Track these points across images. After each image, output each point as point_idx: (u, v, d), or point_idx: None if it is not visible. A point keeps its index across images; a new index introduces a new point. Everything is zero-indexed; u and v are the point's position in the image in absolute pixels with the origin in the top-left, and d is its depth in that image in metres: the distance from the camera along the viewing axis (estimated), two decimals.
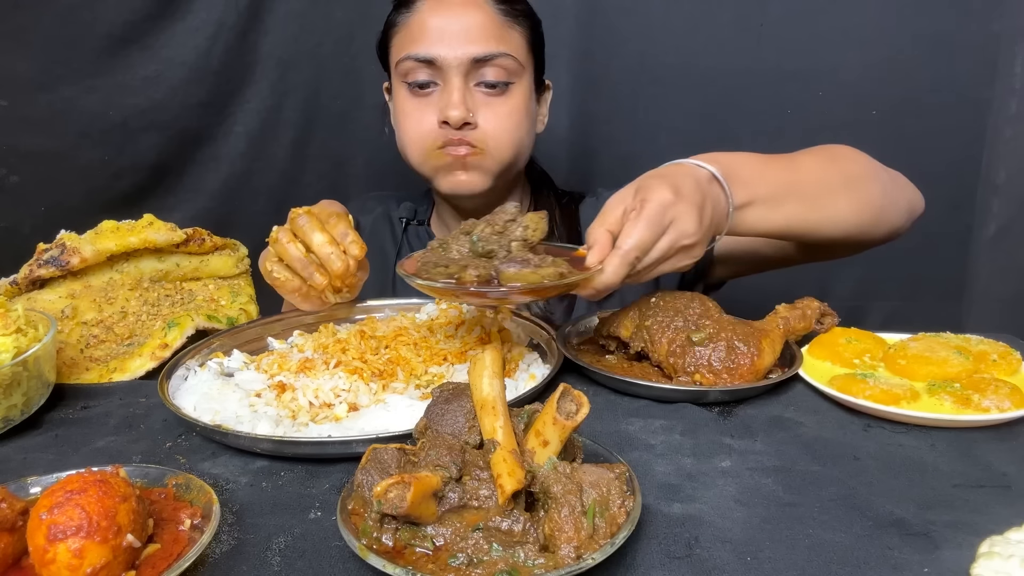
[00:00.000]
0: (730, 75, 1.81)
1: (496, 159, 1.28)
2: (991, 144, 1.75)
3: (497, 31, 1.23)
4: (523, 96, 1.28)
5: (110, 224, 1.14)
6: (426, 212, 1.52)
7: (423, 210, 1.52)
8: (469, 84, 1.24)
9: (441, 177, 1.29)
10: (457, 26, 1.22)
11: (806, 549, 0.62)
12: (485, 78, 1.24)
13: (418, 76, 1.24)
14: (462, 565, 0.56)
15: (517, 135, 1.28)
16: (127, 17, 1.36)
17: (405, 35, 1.26)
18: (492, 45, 1.22)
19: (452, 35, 1.22)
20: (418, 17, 1.25)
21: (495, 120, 1.25)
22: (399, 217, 1.50)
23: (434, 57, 1.22)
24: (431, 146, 1.26)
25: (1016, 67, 1.70)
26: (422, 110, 1.26)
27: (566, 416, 0.60)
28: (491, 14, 1.24)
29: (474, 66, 1.22)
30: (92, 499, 0.54)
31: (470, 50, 1.21)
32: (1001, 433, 0.81)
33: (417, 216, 1.51)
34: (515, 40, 1.26)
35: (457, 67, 1.22)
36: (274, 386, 0.86)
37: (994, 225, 1.79)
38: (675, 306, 0.95)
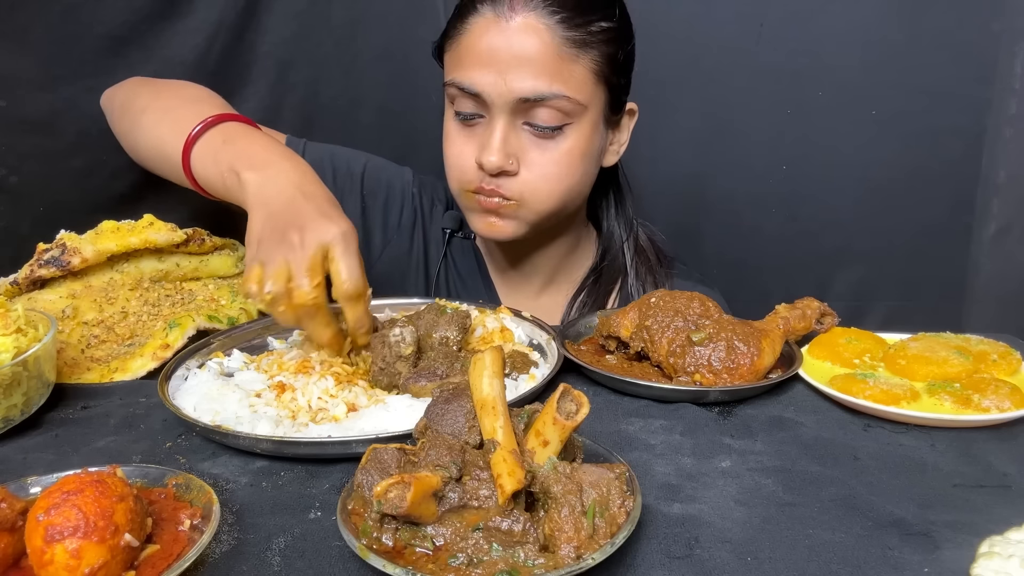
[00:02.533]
0: (730, 75, 1.81)
1: (534, 210, 1.15)
2: (991, 144, 1.75)
3: (555, 66, 1.07)
4: (580, 138, 1.13)
5: (110, 224, 1.14)
6: None
7: None
8: (517, 122, 1.11)
9: (473, 218, 1.19)
10: (508, 55, 1.07)
11: (806, 549, 0.62)
12: (534, 120, 1.10)
13: (463, 107, 1.13)
14: (462, 565, 0.56)
15: (564, 184, 1.15)
16: (126, 17, 1.36)
17: (454, 54, 1.14)
18: (544, 84, 1.07)
19: (502, 65, 1.07)
20: (469, 37, 1.10)
21: (540, 167, 1.12)
22: (442, 228, 1.37)
23: (478, 91, 1.09)
24: (466, 185, 1.15)
25: (1016, 67, 1.70)
26: (465, 141, 1.15)
27: (566, 416, 0.60)
28: (552, 43, 1.07)
29: (522, 105, 1.09)
30: (89, 499, 0.54)
31: (518, 88, 1.07)
32: (1001, 433, 0.81)
33: (464, 229, 1.36)
34: (577, 75, 1.09)
35: (502, 105, 1.09)
36: (274, 386, 0.86)
37: (994, 225, 1.79)
38: (675, 306, 0.95)
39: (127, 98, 1.23)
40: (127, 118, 1.20)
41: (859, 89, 1.77)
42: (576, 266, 1.38)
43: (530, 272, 1.35)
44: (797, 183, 1.86)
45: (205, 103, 1.13)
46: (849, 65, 1.76)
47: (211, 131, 1.06)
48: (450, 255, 1.38)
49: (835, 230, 1.87)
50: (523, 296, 1.36)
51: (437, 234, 1.39)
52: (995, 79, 1.72)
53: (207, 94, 1.19)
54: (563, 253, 1.34)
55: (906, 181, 1.80)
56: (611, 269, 1.32)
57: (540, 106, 1.09)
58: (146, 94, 1.21)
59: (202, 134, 1.06)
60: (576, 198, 1.21)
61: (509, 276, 1.37)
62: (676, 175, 1.87)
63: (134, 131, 1.18)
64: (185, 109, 1.11)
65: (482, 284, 1.37)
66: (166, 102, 1.16)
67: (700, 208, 1.92)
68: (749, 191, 1.88)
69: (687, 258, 1.48)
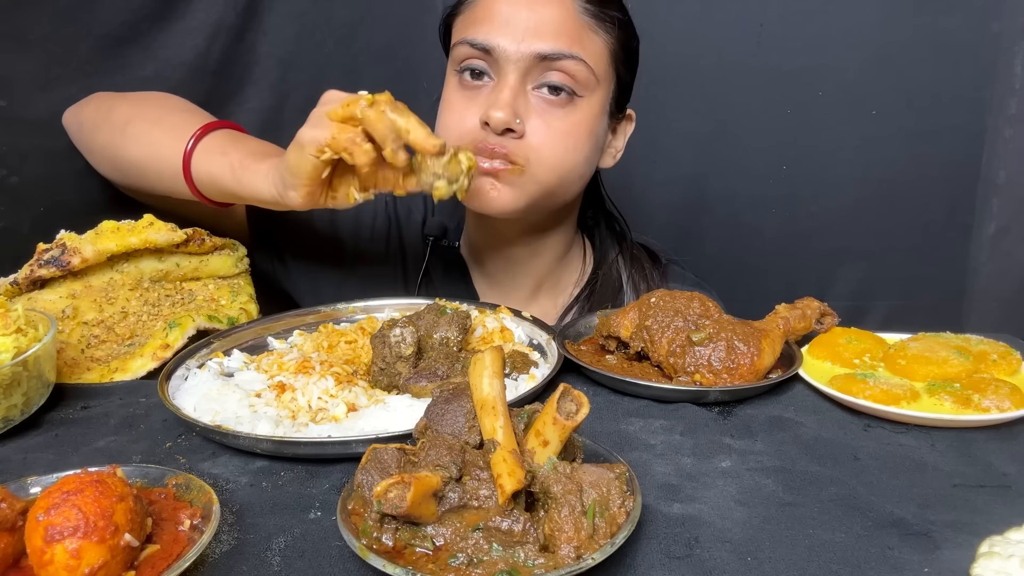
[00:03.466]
0: (730, 75, 1.81)
1: (537, 180, 1.09)
2: (991, 144, 1.75)
3: (575, 31, 1.06)
4: (589, 115, 1.10)
5: (110, 224, 1.14)
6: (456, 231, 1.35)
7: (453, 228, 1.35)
8: (527, 86, 1.07)
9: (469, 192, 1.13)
10: (527, 16, 1.05)
11: (806, 549, 0.62)
12: (548, 80, 1.06)
13: (472, 64, 1.08)
14: (462, 565, 0.56)
15: (569, 158, 1.10)
16: (125, 17, 1.36)
17: (467, 18, 1.10)
18: (564, 44, 1.05)
19: (519, 25, 1.04)
20: (485, 2, 1.08)
21: (546, 133, 1.07)
22: (425, 233, 1.32)
23: (492, 46, 1.05)
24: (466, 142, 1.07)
25: (1016, 67, 1.70)
26: (466, 105, 1.09)
27: (566, 416, 0.60)
28: (572, 11, 1.06)
29: (537, 64, 1.05)
30: (88, 499, 0.54)
31: (536, 45, 1.04)
32: (1001, 433, 0.81)
33: (448, 236, 1.33)
34: (595, 46, 1.08)
35: (516, 62, 1.05)
36: (274, 386, 0.86)
37: (994, 225, 1.79)
38: (675, 306, 0.95)
39: (100, 112, 1.21)
40: (103, 131, 1.18)
41: (859, 89, 1.77)
42: (565, 273, 1.34)
43: (519, 277, 1.30)
44: (797, 183, 1.86)
45: (195, 113, 1.14)
46: (849, 65, 1.76)
47: (215, 132, 1.08)
48: (432, 263, 1.33)
49: (835, 230, 1.87)
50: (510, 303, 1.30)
51: (413, 241, 1.34)
52: (995, 79, 1.72)
53: (191, 104, 1.20)
54: (553, 259, 1.30)
55: (906, 181, 1.80)
56: (606, 283, 1.30)
57: (555, 67, 1.06)
58: (124, 106, 1.19)
59: (205, 134, 1.07)
60: (576, 180, 1.16)
61: (497, 281, 1.32)
62: (676, 175, 1.87)
63: (118, 142, 1.16)
64: (176, 118, 1.12)
65: (465, 293, 1.32)
66: (152, 112, 1.16)
67: (700, 208, 1.92)
68: (749, 191, 1.89)
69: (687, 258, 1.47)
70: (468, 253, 1.35)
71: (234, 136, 1.10)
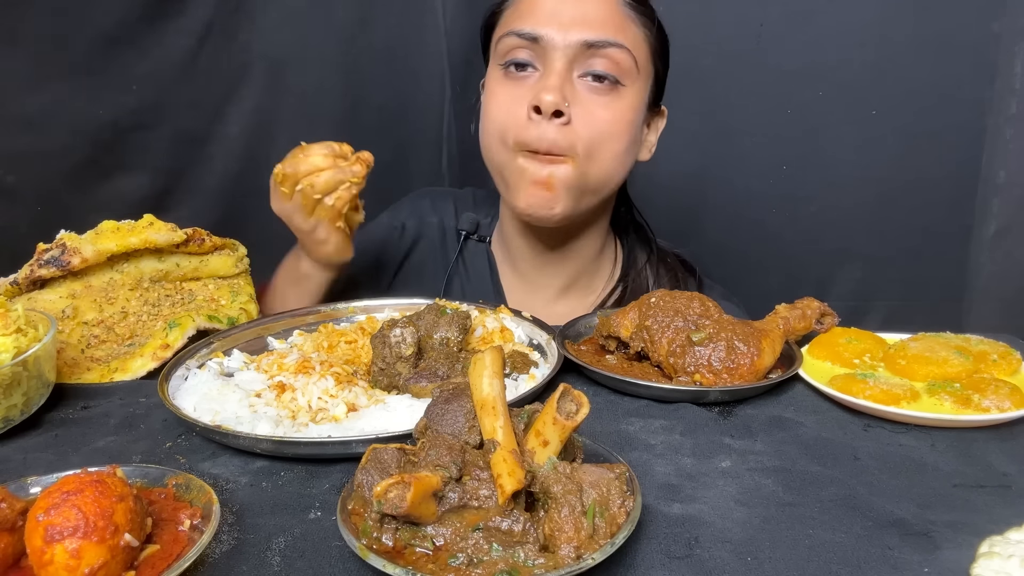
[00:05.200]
0: (730, 75, 1.81)
1: (585, 173, 1.11)
2: (991, 144, 1.75)
3: (618, 21, 1.10)
4: (632, 104, 1.13)
5: (110, 224, 1.14)
6: (490, 227, 1.37)
7: (487, 224, 1.37)
8: (573, 74, 1.10)
9: (521, 191, 1.13)
10: (572, 7, 1.09)
11: (806, 549, 0.62)
12: (593, 68, 1.09)
13: (518, 55, 1.11)
14: (462, 565, 0.56)
15: (616, 147, 1.12)
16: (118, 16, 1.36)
17: (512, 13, 1.14)
18: (609, 32, 1.09)
19: (565, 15, 1.09)
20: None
21: (593, 120, 1.09)
22: (458, 229, 1.36)
23: (540, 35, 1.08)
24: (513, 144, 1.11)
25: (1016, 67, 1.70)
26: (513, 94, 1.11)
27: (566, 416, 0.60)
28: (614, 2, 1.11)
29: (584, 52, 1.08)
30: (88, 499, 0.54)
31: (582, 33, 1.08)
32: (1001, 433, 0.81)
33: (479, 231, 1.36)
34: (637, 36, 1.12)
35: (564, 49, 1.08)
36: (274, 386, 0.86)
37: (994, 225, 1.79)
38: (675, 306, 0.95)
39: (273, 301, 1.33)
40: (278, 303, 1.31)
41: (859, 89, 1.77)
42: (596, 275, 1.35)
43: (550, 277, 1.31)
44: (797, 183, 1.86)
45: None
46: (849, 65, 1.76)
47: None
48: (463, 259, 1.36)
49: (835, 230, 1.88)
50: (538, 302, 1.32)
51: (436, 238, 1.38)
52: (995, 79, 1.72)
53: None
54: (586, 259, 1.31)
55: (906, 181, 1.80)
56: (636, 285, 1.31)
57: (600, 53, 1.09)
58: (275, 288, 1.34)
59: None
60: (618, 170, 1.18)
61: (528, 280, 1.33)
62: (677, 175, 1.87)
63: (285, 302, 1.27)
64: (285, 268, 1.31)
65: (492, 289, 1.34)
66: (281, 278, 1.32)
67: (700, 208, 1.92)
68: (749, 191, 1.89)
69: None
70: (499, 250, 1.36)
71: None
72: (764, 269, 1.90)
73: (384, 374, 0.89)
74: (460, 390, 0.67)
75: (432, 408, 0.66)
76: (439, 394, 0.67)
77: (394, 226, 1.39)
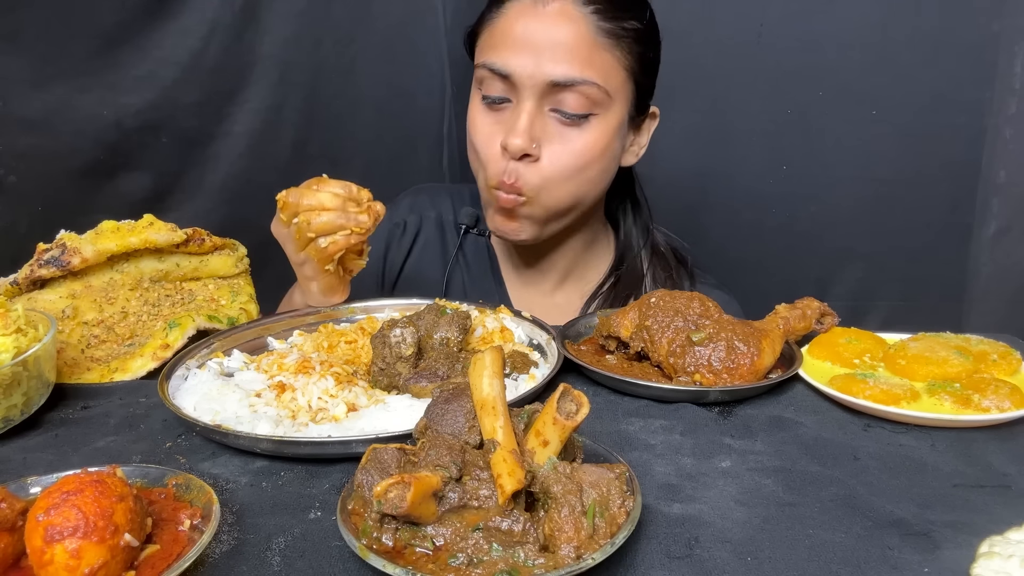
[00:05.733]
0: (730, 75, 1.81)
1: (546, 207, 1.16)
2: (991, 144, 1.75)
3: (588, 53, 1.10)
4: (604, 131, 1.14)
5: (110, 224, 1.14)
6: None
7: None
8: (544, 107, 1.12)
9: (490, 214, 1.21)
10: (543, 38, 1.09)
11: (806, 549, 0.62)
12: (562, 106, 1.11)
13: (492, 90, 1.14)
14: (462, 565, 0.56)
15: (581, 177, 1.16)
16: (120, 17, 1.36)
17: (488, 37, 1.16)
18: (576, 69, 1.09)
19: (535, 48, 1.09)
20: (504, 21, 1.13)
21: (559, 157, 1.13)
22: (458, 223, 1.38)
23: (510, 72, 1.11)
24: (490, 179, 1.16)
25: (1016, 67, 1.70)
26: (492, 129, 1.16)
27: (566, 416, 0.60)
28: (586, 31, 1.09)
29: (551, 89, 1.10)
30: (88, 499, 0.54)
31: (550, 71, 1.09)
32: (1001, 433, 0.81)
33: (479, 226, 1.37)
34: (608, 65, 1.11)
35: (532, 87, 1.10)
36: (274, 386, 0.86)
37: (994, 225, 1.79)
38: (675, 306, 0.95)
39: None
40: None
41: (859, 89, 1.77)
42: (591, 265, 1.37)
43: (546, 269, 1.34)
44: (797, 183, 1.86)
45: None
46: (849, 65, 1.76)
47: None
48: (463, 252, 1.37)
49: (835, 230, 1.88)
50: (537, 294, 1.35)
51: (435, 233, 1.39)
52: (995, 79, 1.72)
53: None
54: (579, 249, 1.34)
55: (906, 181, 1.80)
56: (629, 275, 1.32)
57: (569, 91, 1.10)
58: None
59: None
60: (589, 194, 1.21)
61: (523, 273, 1.36)
62: (676, 175, 1.87)
63: None
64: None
65: (492, 282, 1.37)
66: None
67: (700, 208, 1.92)
68: (749, 191, 1.89)
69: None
70: (498, 243, 1.39)
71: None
72: (764, 269, 1.90)
73: (384, 374, 0.89)
74: (460, 390, 0.67)
75: (432, 408, 0.66)
76: (439, 394, 0.67)
77: (395, 223, 1.40)
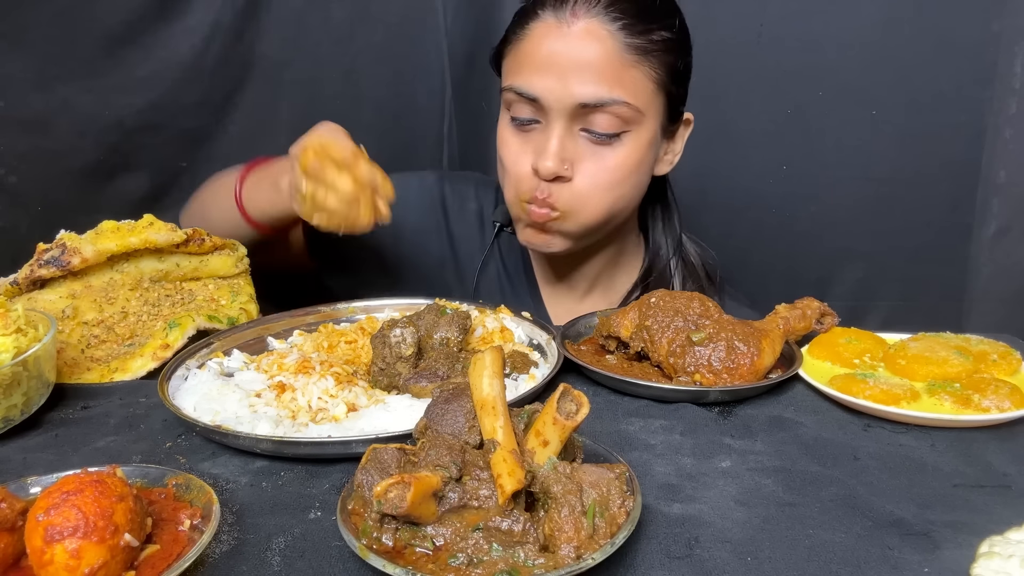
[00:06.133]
0: (730, 75, 1.81)
1: (580, 223, 1.15)
2: (991, 144, 1.75)
3: (616, 71, 1.07)
4: (636, 146, 1.12)
5: (110, 224, 1.14)
6: None
7: None
8: (574, 128, 1.10)
9: (521, 228, 1.20)
10: (569, 60, 1.06)
11: (806, 549, 0.62)
12: (592, 127, 1.09)
13: (520, 113, 1.12)
14: (462, 565, 0.56)
15: (615, 193, 1.14)
16: (123, 17, 1.36)
17: (513, 58, 1.13)
18: (605, 90, 1.06)
19: (562, 70, 1.07)
20: (529, 42, 1.10)
21: (593, 176, 1.11)
22: (493, 220, 1.35)
23: (537, 96, 1.08)
24: (522, 195, 1.15)
25: (1016, 67, 1.70)
26: (522, 147, 1.14)
27: (566, 416, 0.60)
28: (614, 49, 1.06)
29: (580, 111, 1.08)
30: (88, 499, 0.54)
31: (578, 93, 1.06)
32: (1001, 433, 0.81)
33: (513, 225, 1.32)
34: (637, 81, 1.09)
35: (560, 110, 1.08)
36: (274, 386, 0.86)
37: (994, 225, 1.79)
38: (675, 306, 0.95)
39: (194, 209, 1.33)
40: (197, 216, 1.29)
41: (859, 89, 1.77)
42: (621, 273, 1.36)
43: (575, 278, 1.33)
44: (797, 183, 1.86)
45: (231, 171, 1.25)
46: (849, 65, 1.76)
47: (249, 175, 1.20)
48: (498, 250, 1.35)
49: (835, 230, 1.87)
50: (568, 300, 1.34)
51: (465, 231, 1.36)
52: (995, 79, 1.72)
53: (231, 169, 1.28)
54: (608, 259, 1.32)
55: (906, 181, 1.80)
56: (658, 284, 1.31)
57: (599, 112, 1.08)
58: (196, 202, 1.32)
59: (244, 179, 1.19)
60: (624, 209, 1.20)
61: (557, 278, 1.35)
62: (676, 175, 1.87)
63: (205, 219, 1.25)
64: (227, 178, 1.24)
65: (526, 283, 1.35)
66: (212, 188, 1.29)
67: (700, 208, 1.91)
68: (749, 191, 1.88)
69: None
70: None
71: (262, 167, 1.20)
72: (764, 269, 1.89)
73: (384, 374, 0.89)
74: (460, 390, 0.67)
75: (432, 408, 0.66)
76: (439, 394, 0.67)
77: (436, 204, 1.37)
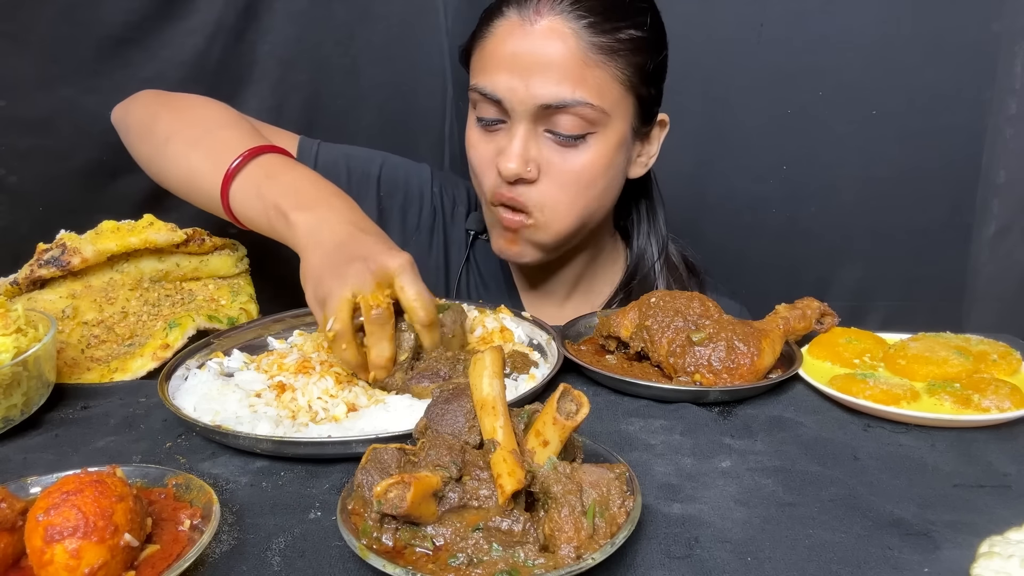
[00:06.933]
0: (730, 75, 1.81)
1: (553, 232, 1.13)
2: (991, 144, 1.75)
3: (579, 71, 1.04)
4: (604, 149, 1.10)
5: (110, 224, 1.14)
6: None
7: None
8: (539, 129, 1.08)
9: (492, 234, 1.18)
10: (531, 60, 1.04)
11: (806, 549, 0.62)
12: (556, 128, 1.07)
13: (485, 113, 1.11)
14: (462, 565, 0.56)
15: (585, 197, 1.12)
16: (125, 17, 1.36)
17: (479, 58, 1.12)
18: (567, 90, 1.04)
19: (524, 70, 1.05)
20: (493, 41, 1.08)
21: (559, 178, 1.09)
22: (467, 229, 1.33)
23: (500, 96, 1.07)
24: (490, 197, 1.13)
25: (1016, 67, 1.70)
26: (487, 148, 1.13)
27: (566, 416, 0.60)
28: (577, 48, 1.04)
29: (543, 112, 1.06)
30: (88, 499, 0.54)
31: (539, 94, 1.04)
32: (1001, 433, 0.81)
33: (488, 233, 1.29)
34: (603, 82, 1.06)
35: (523, 112, 1.06)
36: (274, 386, 0.86)
37: (994, 225, 1.79)
38: (675, 306, 0.95)
39: (145, 120, 1.17)
40: (146, 145, 1.16)
41: (859, 89, 1.77)
42: (600, 277, 1.34)
43: (554, 285, 1.32)
44: (797, 183, 1.86)
45: (234, 129, 1.09)
46: (849, 65, 1.76)
47: (250, 165, 1.02)
48: (473, 258, 1.34)
49: (835, 230, 1.87)
50: (549, 305, 1.32)
51: (458, 236, 1.35)
52: (995, 79, 1.72)
53: (232, 117, 1.14)
54: (585, 264, 1.31)
55: (906, 181, 1.80)
56: (642, 288, 1.28)
57: (562, 113, 1.06)
58: (166, 117, 1.14)
59: (241, 168, 1.02)
60: (596, 212, 1.17)
61: (533, 283, 1.34)
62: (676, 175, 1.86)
63: (159, 160, 1.14)
64: (215, 138, 1.07)
65: (506, 289, 1.34)
66: (191, 130, 1.11)
67: (700, 208, 1.92)
68: (749, 191, 1.88)
69: None
70: None
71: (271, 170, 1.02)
72: (764, 269, 1.89)
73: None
74: (460, 390, 0.67)
75: (432, 408, 0.66)
76: (439, 394, 0.67)
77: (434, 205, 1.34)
